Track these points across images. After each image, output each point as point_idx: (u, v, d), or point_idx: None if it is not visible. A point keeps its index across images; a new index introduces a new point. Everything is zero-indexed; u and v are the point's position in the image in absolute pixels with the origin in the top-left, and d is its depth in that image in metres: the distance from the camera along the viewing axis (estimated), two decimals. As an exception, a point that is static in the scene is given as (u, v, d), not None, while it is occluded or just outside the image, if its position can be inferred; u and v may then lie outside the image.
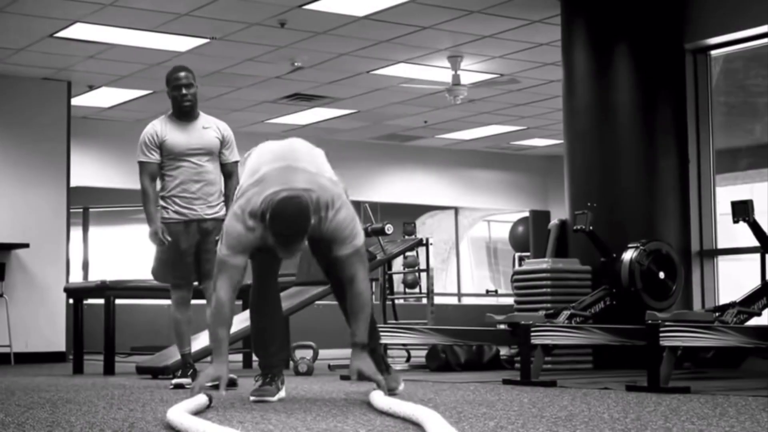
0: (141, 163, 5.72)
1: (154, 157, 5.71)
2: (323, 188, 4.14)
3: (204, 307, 5.68)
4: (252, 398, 4.40)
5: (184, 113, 5.76)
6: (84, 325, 7.72)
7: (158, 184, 5.77)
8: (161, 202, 5.74)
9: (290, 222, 3.98)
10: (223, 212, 5.68)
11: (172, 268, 5.75)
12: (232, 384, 4.37)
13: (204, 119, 5.85)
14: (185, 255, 5.71)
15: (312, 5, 8.25)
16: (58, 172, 10.56)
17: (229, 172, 5.82)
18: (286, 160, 4.28)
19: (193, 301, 6.00)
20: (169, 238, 5.65)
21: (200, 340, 7.05)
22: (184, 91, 5.72)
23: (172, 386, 5.54)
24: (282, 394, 4.53)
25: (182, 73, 5.76)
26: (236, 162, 5.79)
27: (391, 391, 4.38)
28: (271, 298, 4.72)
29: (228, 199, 5.73)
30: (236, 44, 9.36)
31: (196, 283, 5.86)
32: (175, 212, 5.70)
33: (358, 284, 4.18)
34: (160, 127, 5.75)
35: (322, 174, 4.27)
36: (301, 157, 4.33)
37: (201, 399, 3.91)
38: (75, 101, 10.96)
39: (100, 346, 7.44)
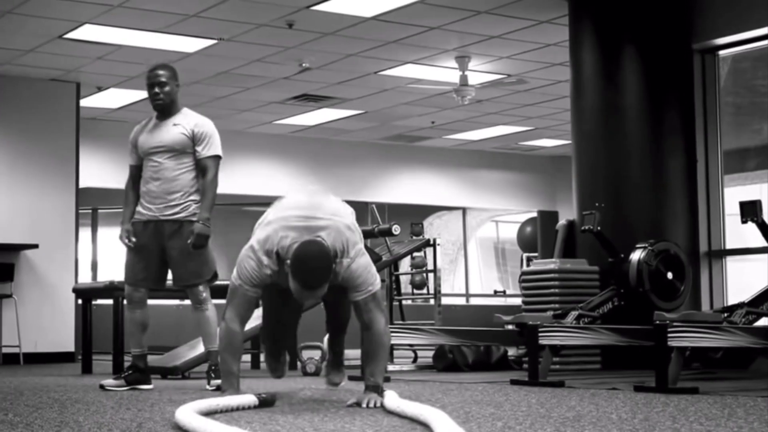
0: (129, 166, 5.74)
1: (132, 158, 5.68)
2: (338, 231, 4.06)
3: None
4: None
5: (159, 111, 5.65)
6: (93, 326, 7.73)
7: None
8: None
9: (313, 270, 3.91)
10: (186, 213, 5.55)
11: (126, 267, 5.64)
12: (266, 403, 4.18)
13: (179, 116, 5.67)
14: (142, 255, 5.57)
15: (320, 6, 8.26)
16: (67, 173, 10.58)
17: (203, 167, 5.60)
18: (307, 209, 4.19)
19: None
20: (132, 240, 5.55)
21: (196, 349, 7.02)
22: (156, 89, 5.60)
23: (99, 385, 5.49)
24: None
25: (157, 71, 5.64)
26: (212, 157, 5.61)
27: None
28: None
29: (203, 193, 5.55)
30: (244, 45, 9.37)
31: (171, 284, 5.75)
32: (139, 212, 5.62)
33: (376, 328, 4.10)
34: (137, 128, 5.72)
35: (341, 219, 4.16)
36: (321, 206, 4.22)
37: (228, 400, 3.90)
38: (84, 102, 10.98)
39: (108, 347, 7.45)
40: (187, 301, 5.74)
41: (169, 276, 5.71)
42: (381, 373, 4.14)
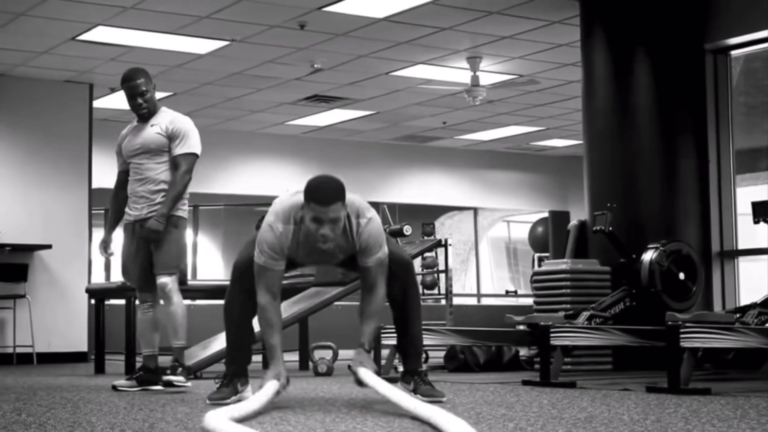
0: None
1: (119, 163, 5.76)
2: (354, 198, 4.23)
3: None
4: (208, 402, 4.42)
5: (142, 118, 5.68)
6: (105, 326, 7.76)
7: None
8: None
9: (326, 180, 4.12)
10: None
11: (124, 269, 5.74)
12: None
13: (158, 116, 5.66)
14: (133, 256, 5.62)
15: (331, 7, 8.27)
16: (79, 173, 10.62)
17: (175, 164, 5.57)
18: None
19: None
20: (110, 252, 5.72)
21: (208, 349, 7.04)
22: (139, 100, 5.62)
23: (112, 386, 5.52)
24: (247, 394, 4.48)
25: (136, 81, 5.63)
26: (184, 154, 5.55)
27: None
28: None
29: (168, 189, 5.51)
30: (256, 46, 9.39)
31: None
32: (127, 214, 5.67)
33: (377, 292, 4.31)
34: (122, 134, 5.77)
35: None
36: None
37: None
38: (97, 103, 11.02)
39: (121, 347, 7.48)
40: (199, 302, 5.77)
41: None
42: (371, 334, 4.32)
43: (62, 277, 10.36)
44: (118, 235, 5.80)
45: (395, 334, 4.70)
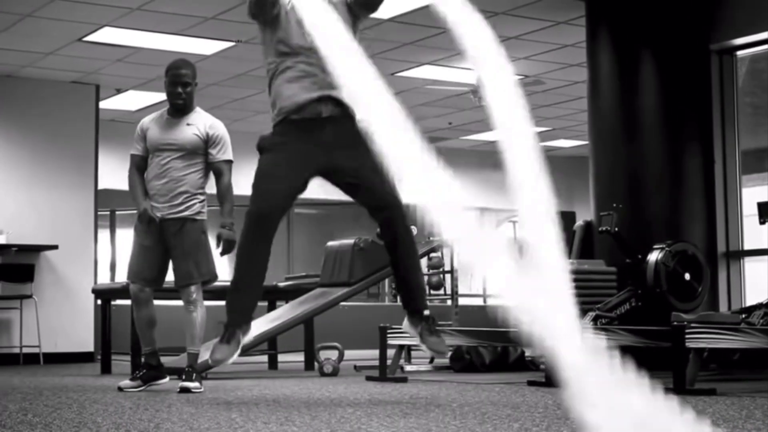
0: (131, 155, 5.68)
1: (139, 149, 5.61)
2: None
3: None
4: (210, 361, 4.40)
5: (175, 109, 5.59)
6: (112, 326, 7.78)
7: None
8: None
9: None
10: (190, 212, 5.53)
11: (132, 264, 5.62)
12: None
13: (194, 116, 5.60)
14: (146, 252, 5.57)
15: (337, 8, 8.28)
16: (86, 174, 10.65)
17: (217, 171, 5.57)
18: None
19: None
20: (159, 215, 5.50)
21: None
22: (179, 89, 5.54)
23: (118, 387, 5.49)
24: (248, 338, 4.47)
25: (182, 71, 5.57)
26: (226, 161, 5.56)
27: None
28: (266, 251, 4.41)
29: (221, 203, 5.53)
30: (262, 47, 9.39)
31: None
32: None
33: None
34: (148, 120, 5.66)
35: None
36: None
37: None
38: (103, 104, 11.05)
39: (127, 347, 7.50)
40: (207, 303, 5.75)
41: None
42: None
43: (68, 277, 10.38)
44: (127, 235, 5.78)
45: (396, 281, 4.60)
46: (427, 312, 4.40)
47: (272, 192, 4.36)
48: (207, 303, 5.74)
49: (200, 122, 5.59)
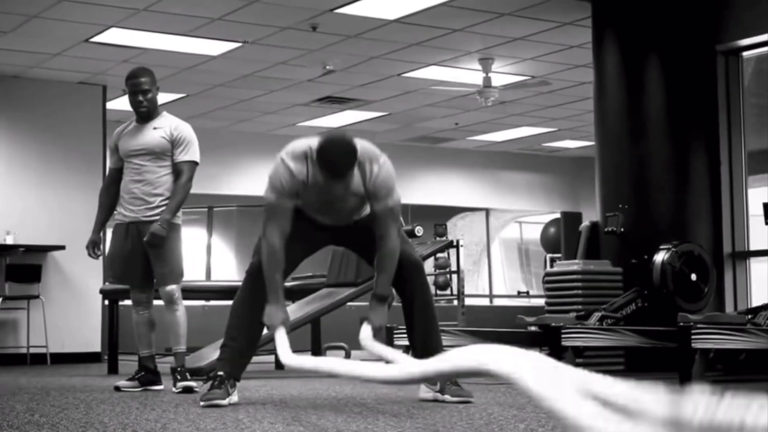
0: (108, 169, 5.83)
1: (113, 161, 5.72)
2: (364, 145, 4.18)
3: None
4: (202, 403, 4.24)
5: (140, 116, 5.66)
6: (119, 326, 7.80)
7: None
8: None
9: (338, 150, 3.99)
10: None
11: (113, 269, 5.74)
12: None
13: (160, 120, 5.66)
14: (127, 257, 5.61)
15: (344, 9, 8.29)
16: (93, 174, 10.66)
17: (178, 171, 5.59)
18: None
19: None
20: (99, 252, 5.75)
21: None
22: (140, 97, 5.60)
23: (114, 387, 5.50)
24: (234, 398, 4.37)
25: (140, 79, 5.62)
26: (188, 162, 5.58)
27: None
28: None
29: (172, 196, 5.54)
30: (268, 48, 9.42)
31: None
32: (121, 213, 5.66)
33: (388, 241, 4.26)
34: (118, 131, 5.74)
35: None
36: None
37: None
38: (110, 105, 11.07)
39: (134, 347, 7.51)
40: (212, 302, 5.79)
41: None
42: (386, 285, 4.34)
43: (75, 277, 10.41)
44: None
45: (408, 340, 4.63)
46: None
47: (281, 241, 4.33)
48: (213, 303, 5.78)
49: (166, 125, 5.66)
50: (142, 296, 5.68)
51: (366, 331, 4.20)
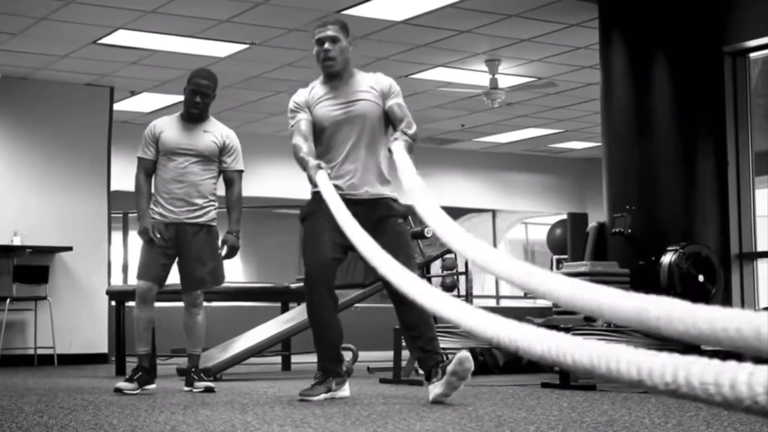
0: (138, 159, 5.71)
1: (150, 153, 5.65)
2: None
3: (182, 311, 5.71)
4: (299, 396, 4.64)
5: (190, 116, 5.68)
6: (126, 327, 7.81)
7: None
8: (152, 202, 5.68)
9: (327, 19, 5.18)
10: (207, 218, 5.61)
11: (146, 263, 5.60)
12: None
13: (209, 125, 5.72)
14: (161, 254, 5.57)
15: (350, 10, 8.30)
16: (99, 176, 10.69)
17: (229, 180, 5.71)
18: None
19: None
20: (158, 235, 5.53)
21: (228, 351, 7.07)
22: (198, 99, 5.63)
23: (114, 389, 5.41)
24: (341, 392, 4.76)
25: (206, 82, 5.68)
26: (238, 171, 5.73)
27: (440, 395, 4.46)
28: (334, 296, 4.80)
29: (228, 211, 5.67)
30: (275, 49, 9.43)
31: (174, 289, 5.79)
32: (158, 213, 5.61)
33: (411, 122, 4.74)
34: (160, 124, 5.71)
35: None
36: None
37: None
38: (117, 106, 11.09)
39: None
40: (216, 303, 5.81)
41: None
42: (411, 126, 4.68)
43: (83, 278, 10.42)
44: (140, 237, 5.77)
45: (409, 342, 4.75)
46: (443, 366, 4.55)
47: (315, 252, 4.67)
48: (220, 304, 5.81)
49: (216, 131, 5.72)
50: (151, 294, 5.61)
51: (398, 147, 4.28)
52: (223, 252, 5.64)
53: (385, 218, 4.74)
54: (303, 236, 4.81)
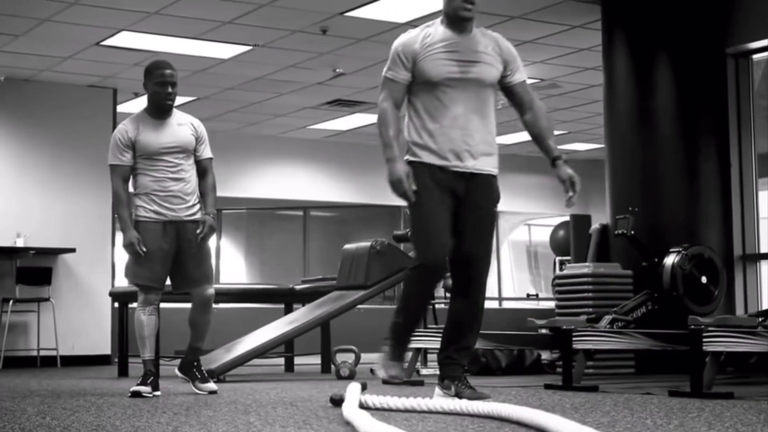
0: (112, 167, 5.53)
1: (126, 158, 5.49)
2: None
3: (188, 311, 5.63)
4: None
5: (162, 111, 5.55)
6: (129, 329, 7.81)
7: (130, 185, 5.57)
8: (137, 201, 5.51)
9: None
10: (200, 213, 5.54)
11: (143, 268, 5.44)
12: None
13: (178, 116, 5.62)
14: (161, 257, 5.45)
15: (353, 12, 8.30)
16: (103, 178, 10.63)
17: (203, 169, 5.60)
18: None
19: (179, 306, 5.94)
20: (145, 249, 5.40)
21: (232, 352, 7.08)
22: (169, 89, 5.51)
23: (129, 394, 5.29)
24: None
25: (169, 71, 5.55)
26: (210, 158, 5.62)
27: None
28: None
29: (204, 196, 5.56)
30: (279, 51, 9.43)
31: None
32: (153, 211, 5.45)
33: (538, 105, 4.54)
34: (131, 127, 5.53)
35: None
36: None
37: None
38: (120, 108, 11.09)
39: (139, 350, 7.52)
40: (221, 305, 5.75)
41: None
42: (555, 145, 4.55)
43: (86, 280, 10.43)
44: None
45: (443, 337, 4.49)
46: (460, 383, 4.39)
47: (441, 244, 4.29)
48: (223, 306, 5.76)
49: (187, 121, 5.63)
50: (157, 297, 5.54)
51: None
52: (200, 232, 5.47)
53: (488, 197, 4.47)
54: (414, 214, 4.36)
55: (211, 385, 5.52)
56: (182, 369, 5.71)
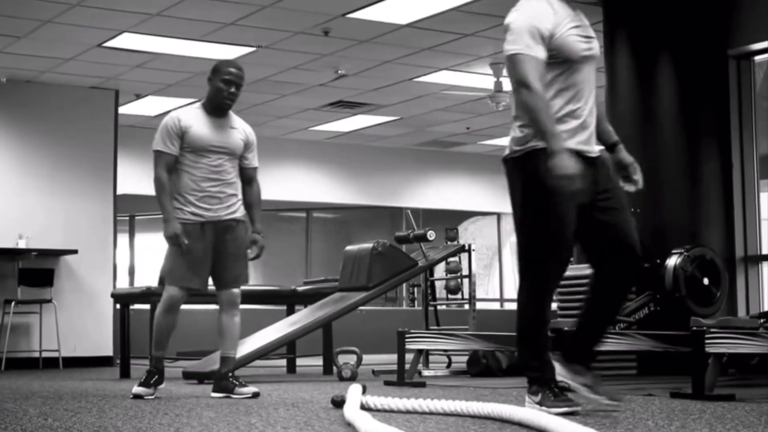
0: (158, 153, 5.36)
1: (173, 148, 5.34)
2: None
3: (216, 313, 5.53)
4: (554, 411, 3.73)
5: (219, 109, 5.49)
6: (130, 330, 7.82)
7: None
8: (174, 203, 5.36)
9: None
10: (239, 214, 5.46)
11: (192, 273, 5.34)
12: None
13: (233, 119, 5.57)
14: (198, 257, 5.34)
15: (355, 14, 8.31)
16: (105, 179, 10.70)
17: (249, 178, 5.56)
18: None
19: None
20: (187, 241, 5.27)
21: (242, 348, 7.08)
22: (232, 89, 5.46)
23: (131, 396, 5.22)
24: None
25: (237, 71, 5.50)
26: (256, 168, 5.60)
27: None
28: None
29: (251, 208, 5.51)
30: (281, 52, 9.44)
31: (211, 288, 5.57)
32: (191, 213, 5.35)
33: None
34: (185, 117, 5.42)
35: None
36: None
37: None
38: (122, 110, 11.10)
39: (146, 351, 7.49)
40: (243, 306, 5.66)
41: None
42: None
43: (88, 281, 10.44)
44: (145, 240, 5.74)
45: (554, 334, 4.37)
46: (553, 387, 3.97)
47: (569, 245, 4.21)
48: (245, 306, 5.72)
49: (240, 126, 5.60)
50: (181, 302, 5.41)
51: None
52: (253, 253, 5.47)
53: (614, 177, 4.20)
54: (539, 198, 4.10)
55: (252, 388, 5.32)
56: (218, 387, 5.43)
